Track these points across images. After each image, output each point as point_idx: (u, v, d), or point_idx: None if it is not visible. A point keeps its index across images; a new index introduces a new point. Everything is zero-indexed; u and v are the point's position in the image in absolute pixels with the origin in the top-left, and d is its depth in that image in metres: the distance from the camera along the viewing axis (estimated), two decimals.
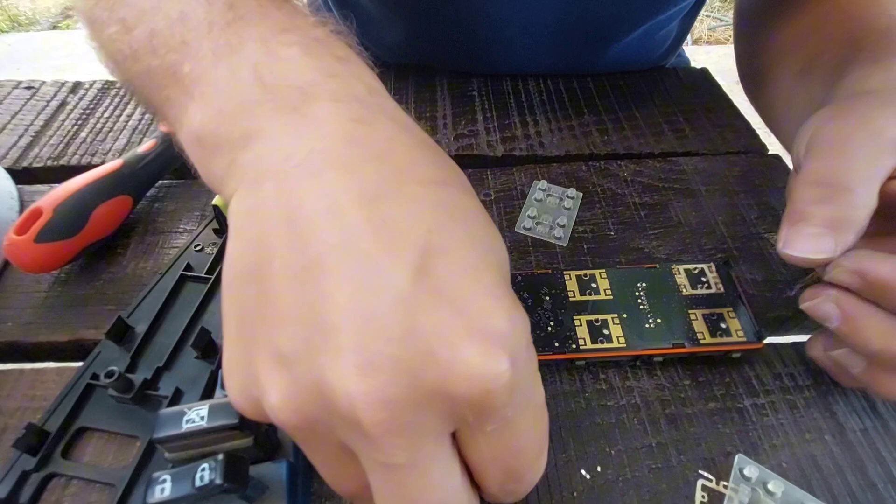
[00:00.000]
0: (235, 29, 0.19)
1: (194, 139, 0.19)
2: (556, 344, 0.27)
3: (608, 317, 0.28)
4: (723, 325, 0.27)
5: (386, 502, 0.15)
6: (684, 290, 0.29)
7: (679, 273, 0.30)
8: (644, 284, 0.29)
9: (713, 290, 0.29)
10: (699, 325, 0.28)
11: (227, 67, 0.19)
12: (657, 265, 0.30)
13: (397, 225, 0.15)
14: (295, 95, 0.18)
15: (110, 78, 0.47)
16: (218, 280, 0.31)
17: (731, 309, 0.28)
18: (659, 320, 0.28)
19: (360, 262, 0.14)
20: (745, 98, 0.45)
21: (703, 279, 0.30)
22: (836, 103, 0.26)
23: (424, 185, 0.16)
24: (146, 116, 0.44)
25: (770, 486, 0.23)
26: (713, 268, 0.30)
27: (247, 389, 0.16)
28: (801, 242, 0.22)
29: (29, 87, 0.47)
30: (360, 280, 0.14)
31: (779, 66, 0.38)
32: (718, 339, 0.27)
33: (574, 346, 0.27)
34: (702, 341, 0.27)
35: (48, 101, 0.45)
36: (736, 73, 0.46)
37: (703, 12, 2.55)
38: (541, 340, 0.27)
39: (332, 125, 0.17)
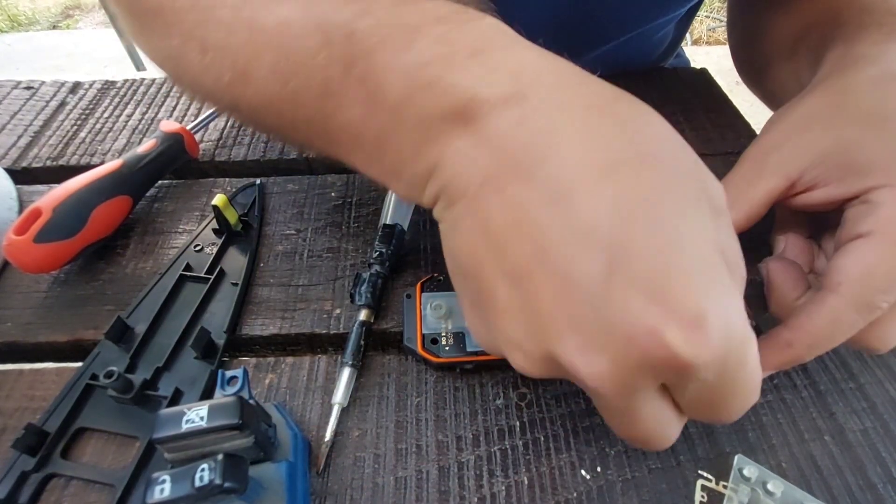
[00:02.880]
0: (366, 63, 0.20)
1: (389, 175, 0.21)
2: None
3: None
4: None
5: (607, 420, 0.20)
6: None
7: None
8: None
9: None
10: None
11: (386, 112, 0.20)
12: None
13: (580, 228, 0.16)
14: (455, 121, 0.19)
15: (110, 78, 0.48)
16: (217, 280, 0.31)
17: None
18: None
19: (554, 263, 0.16)
20: (745, 98, 0.45)
21: None
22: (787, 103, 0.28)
23: (599, 177, 0.16)
24: (146, 116, 0.44)
25: (769, 486, 0.23)
26: None
27: (493, 347, 0.20)
28: None
29: (28, 88, 0.47)
30: (558, 283, 0.16)
31: (775, 50, 0.38)
32: None
33: None
34: None
35: (48, 102, 0.45)
36: (736, 74, 0.46)
37: (702, 12, 2.56)
38: None
39: (495, 141, 0.18)
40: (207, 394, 0.27)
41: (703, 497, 0.24)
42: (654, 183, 0.16)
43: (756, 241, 0.27)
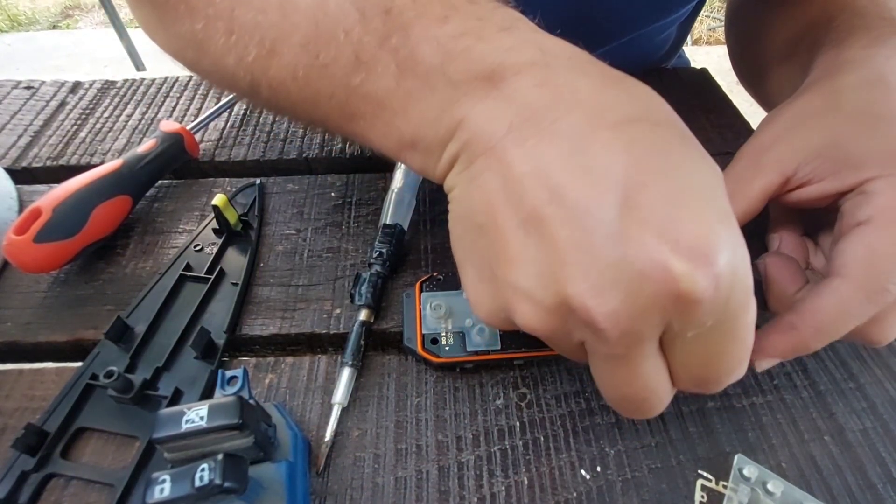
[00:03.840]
0: (402, 36, 0.21)
1: (407, 145, 0.22)
2: None
3: None
4: None
5: (602, 381, 0.20)
6: None
7: None
8: None
9: None
10: None
11: (416, 77, 0.21)
12: None
13: (597, 170, 0.17)
14: (483, 85, 0.20)
15: (110, 78, 0.48)
16: (217, 280, 0.31)
17: None
18: None
19: (570, 208, 0.17)
20: (745, 98, 0.45)
21: None
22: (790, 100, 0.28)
23: (615, 129, 0.18)
24: (146, 116, 0.44)
25: (769, 486, 0.23)
26: None
27: (496, 314, 0.20)
28: None
29: (28, 87, 0.47)
30: (573, 223, 0.17)
31: (772, 54, 0.39)
32: None
33: None
34: None
35: (48, 101, 0.45)
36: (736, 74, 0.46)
37: (703, 12, 2.56)
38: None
39: (520, 99, 0.19)
40: (207, 394, 0.27)
41: (703, 497, 0.24)
42: (665, 137, 0.18)
43: (750, 238, 0.27)
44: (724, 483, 0.24)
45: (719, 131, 0.43)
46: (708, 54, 2.19)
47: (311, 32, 0.22)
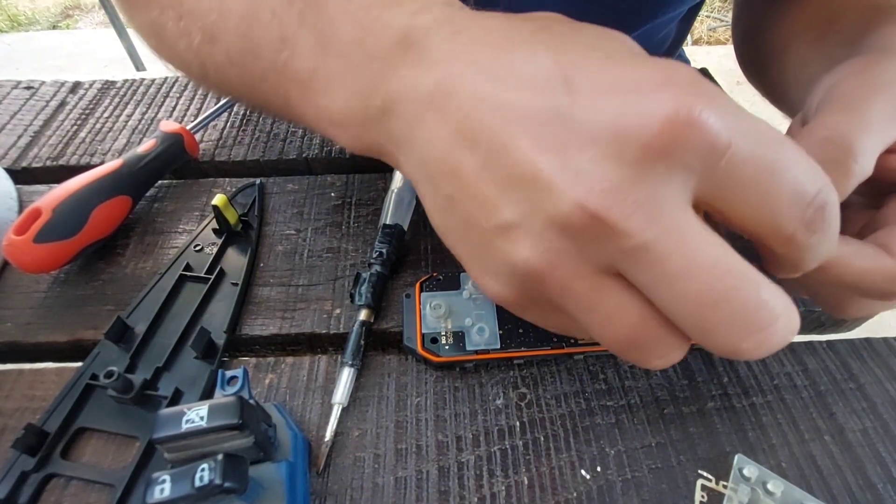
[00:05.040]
0: (319, 11, 0.21)
1: (338, 126, 0.22)
2: (555, 339, 0.27)
3: None
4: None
5: (667, 292, 0.15)
6: None
7: None
8: None
9: None
10: None
11: (336, 56, 0.21)
12: None
13: (528, 76, 0.17)
14: (398, 51, 0.20)
15: (110, 78, 0.48)
16: (217, 280, 0.31)
17: None
18: None
19: (521, 119, 0.16)
20: (746, 98, 0.45)
21: None
22: (858, 57, 0.24)
23: (529, 39, 0.18)
24: (146, 116, 0.44)
25: (769, 486, 0.23)
26: None
27: (502, 274, 0.18)
28: None
29: (28, 87, 0.47)
30: (532, 130, 0.16)
31: (790, 41, 0.37)
32: None
33: (572, 340, 0.27)
34: None
35: (47, 101, 0.45)
36: (736, 74, 0.46)
37: (703, 12, 2.55)
38: (539, 336, 0.27)
39: (435, 54, 0.19)
40: (207, 394, 0.27)
41: (703, 497, 0.24)
42: (570, 26, 0.19)
43: None
44: (724, 483, 0.24)
45: None
46: (708, 54, 2.19)
47: (244, 14, 0.23)
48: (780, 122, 0.32)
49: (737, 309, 0.15)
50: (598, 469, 0.25)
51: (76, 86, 0.47)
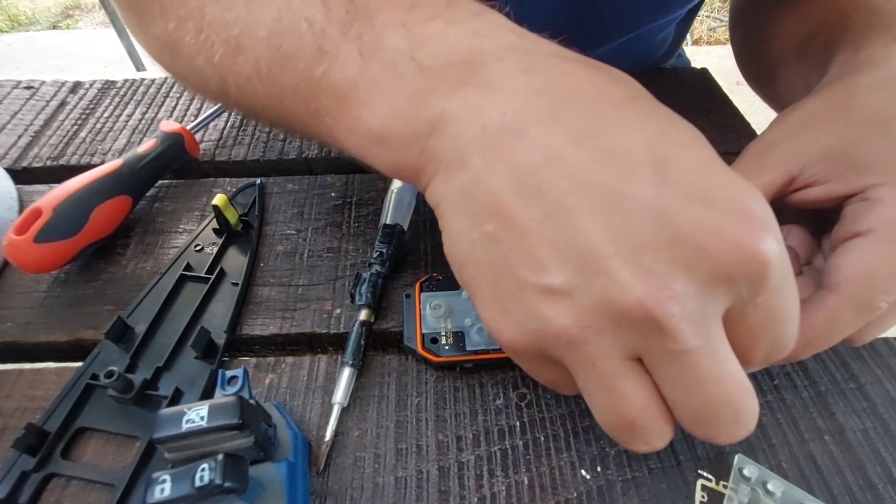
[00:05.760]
0: (366, 22, 0.20)
1: (375, 141, 0.20)
2: None
3: None
4: None
5: (686, 391, 0.17)
6: None
7: None
8: None
9: None
10: None
11: (382, 64, 0.19)
12: None
13: (618, 150, 0.16)
14: (460, 71, 0.18)
15: (110, 78, 0.48)
16: (217, 280, 0.31)
17: None
18: None
19: (600, 193, 0.16)
20: (746, 98, 0.45)
21: None
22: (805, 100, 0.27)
23: (621, 108, 0.17)
24: (146, 116, 0.44)
25: (770, 486, 0.23)
26: None
27: (525, 326, 0.17)
28: None
29: (29, 87, 0.47)
30: (607, 208, 0.16)
31: (782, 53, 0.38)
32: None
33: None
34: None
35: (48, 101, 0.45)
36: (736, 74, 0.46)
37: (702, 12, 2.55)
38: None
39: (508, 85, 0.18)
40: (207, 394, 0.27)
41: (703, 497, 0.24)
42: (665, 112, 0.18)
43: None
44: (725, 483, 0.24)
45: (719, 131, 0.43)
46: (708, 54, 2.19)
47: (275, 27, 0.21)
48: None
49: (737, 414, 0.17)
50: (598, 469, 0.25)
51: (76, 86, 0.47)
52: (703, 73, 0.51)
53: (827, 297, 0.23)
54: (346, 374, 0.27)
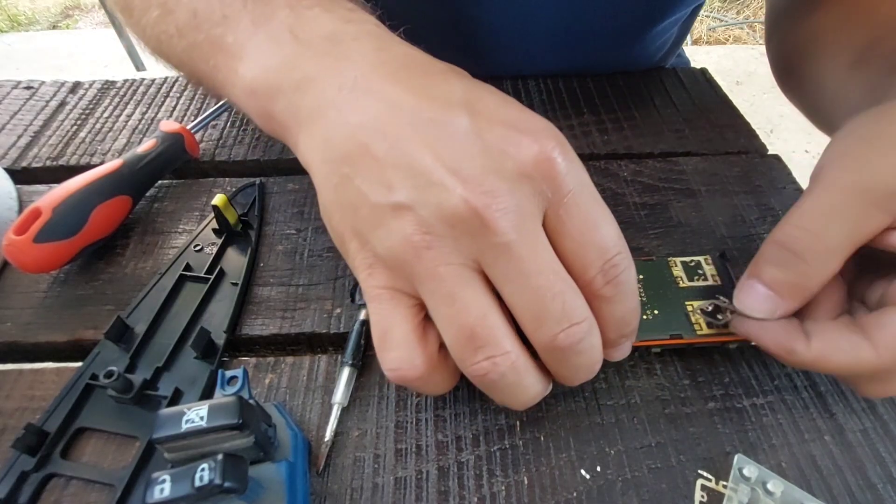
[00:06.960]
0: (266, 1, 0.25)
1: (248, 92, 0.25)
2: None
3: None
4: (719, 317, 0.27)
5: (514, 286, 0.20)
6: (681, 283, 0.29)
7: (676, 265, 0.30)
8: (641, 277, 0.29)
9: (710, 283, 0.29)
10: (696, 317, 0.28)
11: (266, 32, 0.24)
12: (654, 258, 0.31)
13: (441, 95, 0.21)
14: (325, 44, 0.23)
15: (110, 78, 0.48)
16: (217, 280, 0.31)
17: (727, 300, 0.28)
18: (656, 312, 0.28)
19: (429, 125, 0.20)
20: (746, 98, 0.45)
21: (700, 271, 0.30)
22: (880, 107, 0.24)
23: (445, 73, 0.23)
24: (146, 116, 0.44)
25: (769, 486, 0.23)
26: (710, 260, 0.30)
27: (382, 245, 0.21)
28: (748, 297, 0.24)
29: (28, 87, 0.47)
30: (434, 135, 0.20)
31: (825, 59, 0.36)
32: (715, 330, 0.27)
33: None
34: (699, 332, 0.27)
35: (47, 101, 0.45)
36: (735, 74, 0.46)
37: (702, 12, 2.55)
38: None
39: (362, 57, 0.23)
40: (207, 394, 0.27)
41: (703, 497, 0.24)
42: (479, 81, 0.23)
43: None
44: (724, 483, 0.24)
45: (719, 131, 0.43)
46: (708, 54, 2.19)
47: None
48: (786, 125, 0.31)
49: (565, 306, 0.20)
50: (598, 469, 0.25)
51: (76, 86, 0.47)
52: (703, 73, 0.51)
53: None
54: (346, 373, 0.27)
